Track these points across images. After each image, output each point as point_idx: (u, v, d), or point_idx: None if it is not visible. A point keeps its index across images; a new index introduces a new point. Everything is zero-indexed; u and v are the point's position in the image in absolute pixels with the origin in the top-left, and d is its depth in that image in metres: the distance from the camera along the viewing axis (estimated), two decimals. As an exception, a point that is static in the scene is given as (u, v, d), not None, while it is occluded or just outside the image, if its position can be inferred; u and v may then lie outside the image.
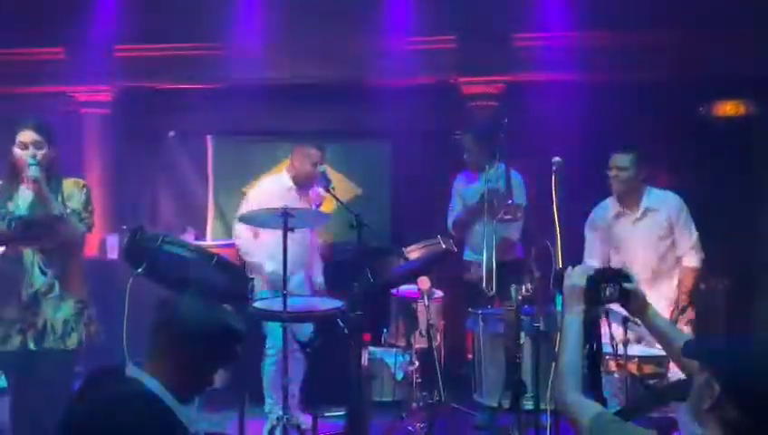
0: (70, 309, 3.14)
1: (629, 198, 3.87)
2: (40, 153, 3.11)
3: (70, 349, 3.12)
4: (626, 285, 1.87)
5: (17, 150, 3.12)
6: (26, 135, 3.11)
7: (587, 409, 1.65)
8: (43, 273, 3.13)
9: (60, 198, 3.14)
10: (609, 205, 3.97)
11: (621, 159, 3.82)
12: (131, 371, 1.86)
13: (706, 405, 1.44)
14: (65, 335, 3.12)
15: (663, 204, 3.85)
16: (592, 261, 3.89)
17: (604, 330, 3.16)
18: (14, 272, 3.13)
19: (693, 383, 1.50)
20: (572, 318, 1.82)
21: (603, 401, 1.82)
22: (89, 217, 3.21)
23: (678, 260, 3.85)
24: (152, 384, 1.83)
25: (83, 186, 3.26)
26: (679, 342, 1.79)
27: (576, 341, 1.79)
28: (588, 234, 4.03)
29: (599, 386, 1.87)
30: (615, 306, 3.00)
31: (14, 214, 3.12)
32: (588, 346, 1.85)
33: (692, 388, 1.50)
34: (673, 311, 3.69)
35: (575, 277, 1.85)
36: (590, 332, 1.85)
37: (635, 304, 1.89)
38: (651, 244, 3.84)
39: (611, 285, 1.85)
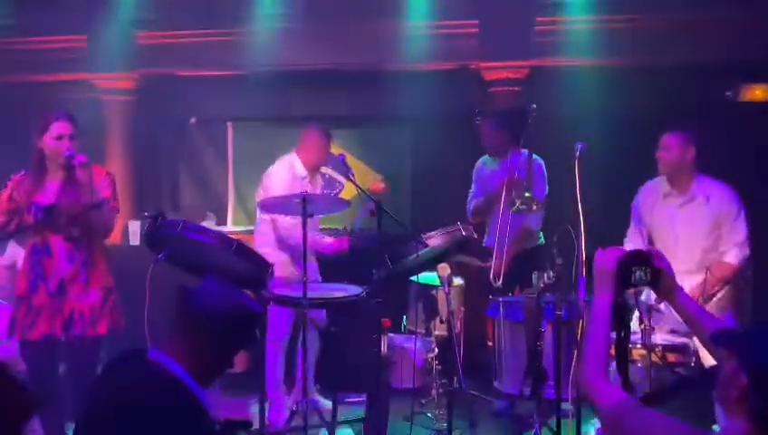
0: (96, 296, 3.19)
1: (678, 180, 3.68)
2: (75, 144, 3.17)
3: (100, 335, 3.19)
4: (656, 262, 1.81)
5: (52, 141, 3.16)
6: (63, 126, 3.17)
7: (610, 394, 1.62)
8: (70, 261, 3.18)
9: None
10: (659, 184, 3.77)
11: (667, 139, 3.66)
12: (153, 354, 1.88)
13: (733, 395, 1.41)
14: (94, 321, 3.17)
15: (714, 194, 3.63)
16: (629, 245, 3.71)
17: (634, 316, 3.11)
18: (41, 260, 3.18)
19: (720, 372, 1.47)
20: (601, 301, 1.78)
21: (630, 388, 1.79)
22: (117, 205, 3.29)
23: (720, 255, 3.63)
24: (174, 368, 1.84)
25: (107, 174, 3.33)
26: (709, 327, 1.75)
27: (603, 324, 1.75)
28: (632, 214, 3.85)
29: (626, 372, 1.83)
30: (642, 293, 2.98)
31: (38, 204, 3.17)
32: (616, 332, 1.82)
33: (719, 377, 1.46)
34: (698, 298, 3.60)
35: (605, 260, 1.82)
36: (619, 318, 1.81)
37: (664, 285, 1.84)
38: (694, 233, 3.62)
39: (642, 268, 1.79)
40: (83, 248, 3.19)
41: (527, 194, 3.87)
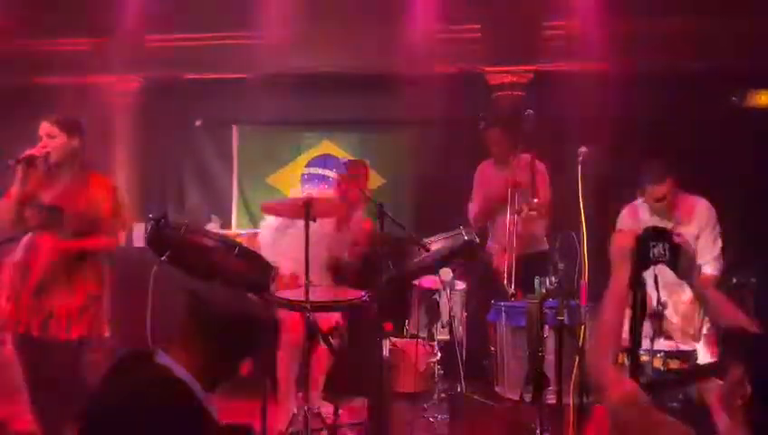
0: (78, 300, 3.19)
1: (668, 209, 3.60)
2: (53, 142, 3.19)
3: (73, 338, 3.17)
4: (676, 238, 1.77)
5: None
6: (42, 127, 3.24)
7: (618, 383, 1.60)
8: (53, 261, 3.18)
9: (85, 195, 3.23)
10: (641, 213, 3.71)
11: (659, 191, 3.51)
12: (161, 357, 1.87)
13: (738, 403, 1.41)
14: (69, 325, 3.17)
15: (694, 214, 3.62)
16: None
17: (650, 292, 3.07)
18: (28, 259, 3.21)
19: (726, 376, 1.46)
20: (618, 280, 1.74)
21: (639, 371, 1.75)
22: (118, 224, 3.30)
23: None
24: (181, 371, 1.84)
25: (112, 188, 3.32)
26: (727, 316, 1.72)
27: (618, 306, 1.71)
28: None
29: (636, 355, 1.78)
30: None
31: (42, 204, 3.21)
32: (632, 311, 1.76)
33: (725, 379, 1.46)
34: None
35: (623, 237, 1.78)
36: (636, 296, 1.75)
37: (684, 263, 1.78)
38: None
39: (661, 244, 1.75)
40: (69, 251, 3.19)
41: (535, 200, 3.86)
